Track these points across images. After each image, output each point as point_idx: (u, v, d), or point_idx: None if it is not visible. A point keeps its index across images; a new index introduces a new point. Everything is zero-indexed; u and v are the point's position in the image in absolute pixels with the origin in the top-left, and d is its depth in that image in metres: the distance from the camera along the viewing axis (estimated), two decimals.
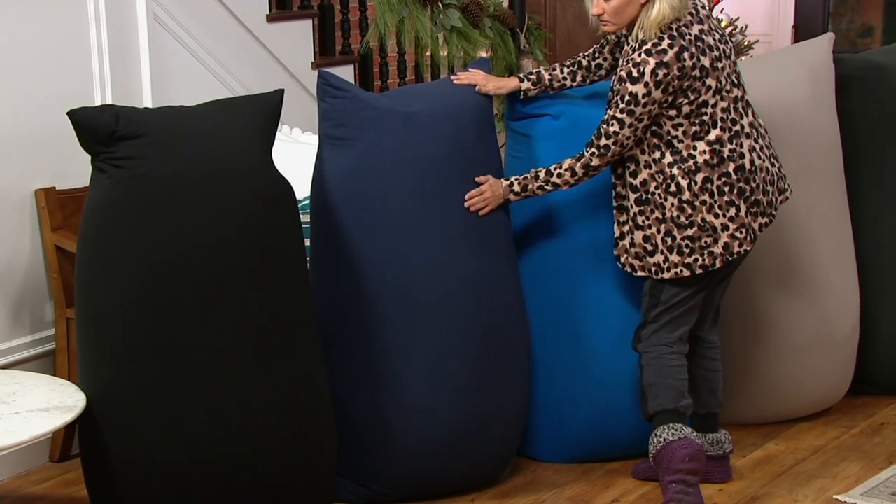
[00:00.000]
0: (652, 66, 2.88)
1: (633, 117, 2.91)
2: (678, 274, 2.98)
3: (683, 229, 2.95)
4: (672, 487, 2.92)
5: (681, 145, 2.94)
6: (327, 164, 3.03)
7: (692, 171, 2.94)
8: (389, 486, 3.05)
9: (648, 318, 3.06)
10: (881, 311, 3.70)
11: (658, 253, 2.99)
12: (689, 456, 2.91)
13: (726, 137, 2.95)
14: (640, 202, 3.00)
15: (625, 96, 2.90)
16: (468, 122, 3.10)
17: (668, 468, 2.93)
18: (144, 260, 2.67)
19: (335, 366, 3.00)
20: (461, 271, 3.02)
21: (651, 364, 3.03)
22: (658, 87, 2.88)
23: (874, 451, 3.36)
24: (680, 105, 2.93)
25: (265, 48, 4.20)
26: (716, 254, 2.97)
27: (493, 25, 4.77)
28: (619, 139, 2.94)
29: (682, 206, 2.94)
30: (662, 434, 2.96)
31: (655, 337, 3.04)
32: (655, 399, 3.01)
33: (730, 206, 2.95)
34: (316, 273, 3.05)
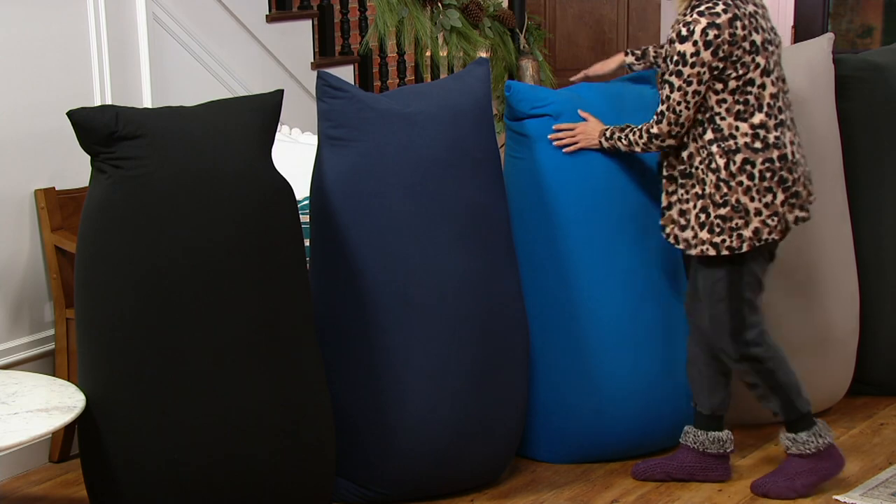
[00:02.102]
0: (703, 25, 2.87)
1: (681, 79, 2.90)
2: (703, 252, 2.97)
3: (717, 207, 2.94)
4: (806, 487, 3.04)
5: (723, 123, 2.93)
6: (326, 164, 3.03)
7: (731, 150, 2.93)
8: (389, 487, 3.05)
9: (744, 318, 2.99)
10: (881, 312, 3.70)
11: (689, 228, 2.99)
12: (841, 470, 3.06)
13: (772, 124, 2.94)
14: (684, 175, 3.01)
15: (674, 56, 2.90)
16: (467, 123, 3.10)
17: (825, 475, 3.04)
18: (144, 260, 2.67)
19: (335, 367, 3.00)
20: (460, 272, 3.02)
21: (782, 365, 3.02)
22: (707, 48, 2.86)
23: (874, 452, 3.36)
24: (727, 78, 2.91)
25: (265, 48, 4.20)
26: (744, 237, 2.94)
27: (493, 26, 4.78)
28: (670, 104, 2.94)
29: (719, 183, 2.94)
30: (827, 435, 3.04)
31: (761, 335, 3.01)
32: (803, 398, 3.03)
33: (767, 192, 2.94)
34: (315, 273, 3.05)
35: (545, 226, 3.27)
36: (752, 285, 3.00)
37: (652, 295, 3.29)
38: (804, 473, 3.04)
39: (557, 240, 3.26)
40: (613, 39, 6.68)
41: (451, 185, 3.04)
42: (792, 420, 3.05)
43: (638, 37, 6.63)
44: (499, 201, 3.14)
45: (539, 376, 3.27)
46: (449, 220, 3.03)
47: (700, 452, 3.16)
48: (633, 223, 3.27)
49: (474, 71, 3.25)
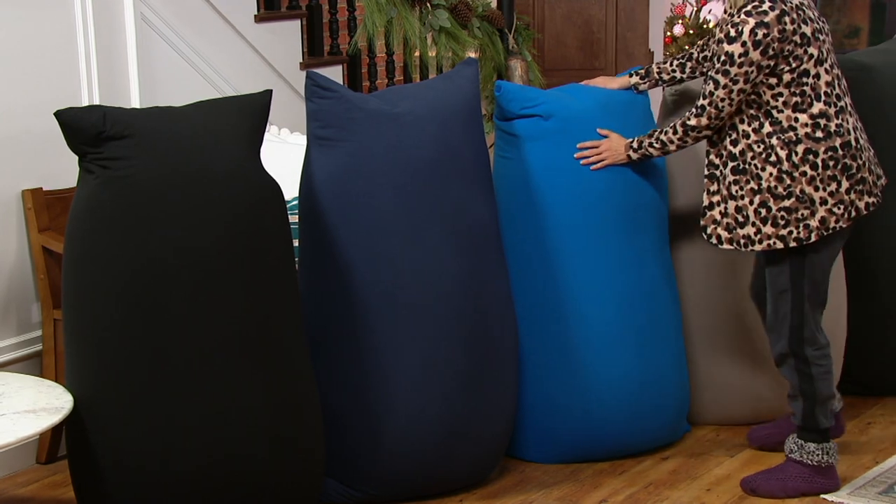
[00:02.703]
0: (751, 25, 2.89)
1: (727, 77, 2.92)
2: (771, 245, 2.97)
3: (780, 200, 2.95)
4: (799, 492, 3.05)
5: (780, 115, 2.95)
6: (315, 164, 3.02)
7: (792, 141, 2.94)
8: (378, 488, 3.05)
9: (804, 314, 2.99)
10: (869, 312, 3.71)
11: (749, 224, 2.98)
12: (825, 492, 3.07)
13: (832, 112, 2.96)
14: (735, 171, 3.00)
15: (721, 56, 2.93)
16: (456, 123, 3.10)
17: (817, 488, 3.05)
18: (132, 261, 2.66)
19: (324, 367, 2.99)
20: (449, 272, 3.02)
21: (824, 378, 3.02)
22: (756, 48, 2.89)
23: (861, 451, 3.37)
24: (781, 72, 2.93)
25: (253, 48, 4.20)
26: (812, 227, 2.95)
27: (482, 26, 4.78)
28: (713, 100, 2.96)
29: (782, 176, 2.95)
30: (832, 457, 3.06)
31: (820, 342, 3.01)
32: (825, 414, 3.04)
33: (832, 180, 2.95)
34: (304, 274, 3.05)
35: (534, 226, 3.27)
36: (816, 279, 3.00)
37: (641, 295, 3.29)
38: (799, 479, 3.06)
39: (546, 240, 3.26)
40: (602, 39, 6.69)
41: (440, 186, 3.04)
42: (807, 428, 3.06)
43: (626, 37, 6.64)
44: (487, 201, 3.14)
45: (528, 376, 3.27)
46: (438, 221, 3.02)
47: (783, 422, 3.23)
48: (622, 223, 3.28)
49: (463, 71, 3.25)
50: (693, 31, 6.30)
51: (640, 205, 3.30)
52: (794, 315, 3.00)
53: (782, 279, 3.01)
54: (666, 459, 3.35)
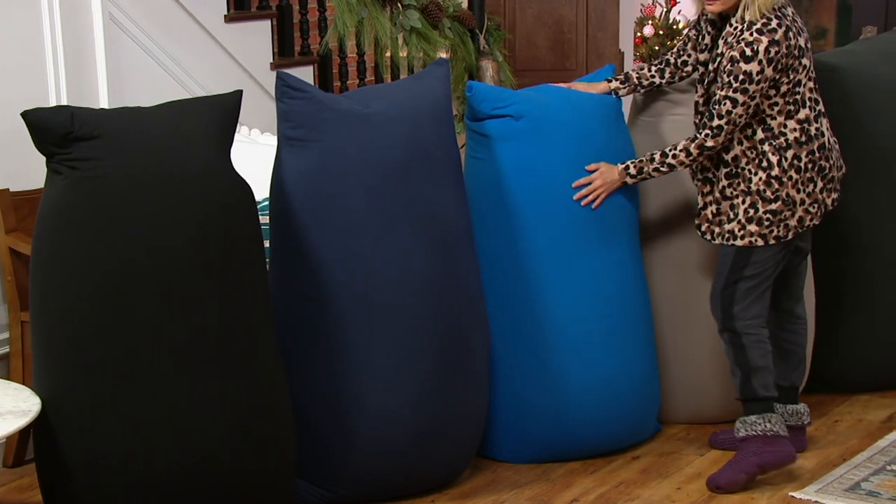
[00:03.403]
0: (765, 44, 2.97)
1: (746, 95, 3.00)
2: (752, 243, 3.09)
3: (768, 203, 3.07)
4: (755, 468, 3.09)
5: (773, 122, 3.05)
6: (286, 165, 3.02)
7: (783, 147, 3.05)
8: (349, 488, 3.05)
9: (735, 293, 3.12)
10: (836, 311, 3.74)
11: (735, 221, 3.10)
12: (788, 464, 3.11)
13: (812, 116, 3.09)
14: (729, 176, 3.11)
15: (739, 76, 2.99)
16: (427, 123, 3.10)
17: (767, 457, 3.09)
18: (100, 262, 2.64)
19: (295, 368, 2.98)
20: (421, 273, 3.02)
21: (755, 346, 3.13)
22: (770, 65, 2.98)
23: (829, 448, 3.40)
24: (780, 84, 3.04)
25: (223, 49, 4.18)
26: (790, 226, 3.09)
27: (453, 26, 4.78)
28: (732, 118, 3.03)
29: (770, 181, 3.06)
30: (776, 425, 3.11)
31: (751, 315, 3.13)
32: (763, 383, 3.12)
33: (810, 182, 3.09)
34: (275, 275, 3.04)
35: (505, 226, 3.27)
36: (758, 272, 3.11)
37: (612, 296, 3.30)
38: (750, 454, 3.11)
39: (518, 240, 3.27)
40: (573, 40, 6.71)
41: (412, 186, 3.04)
42: (746, 399, 3.15)
43: (597, 37, 6.66)
44: (459, 202, 3.15)
45: (500, 376, 3.27)
46: (409, 221, 3.02)
47: None
48: (594, 224, 3.29)
49: (434, 71, 3.25)
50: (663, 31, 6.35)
51: (612, 206, 3.31)
52: (726, 293, 3.13)
53: (727, 260, 3.14)
54: (637, 459, 3.37)
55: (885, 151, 3.73)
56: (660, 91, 3.48)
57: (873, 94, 3.73)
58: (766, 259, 3.12)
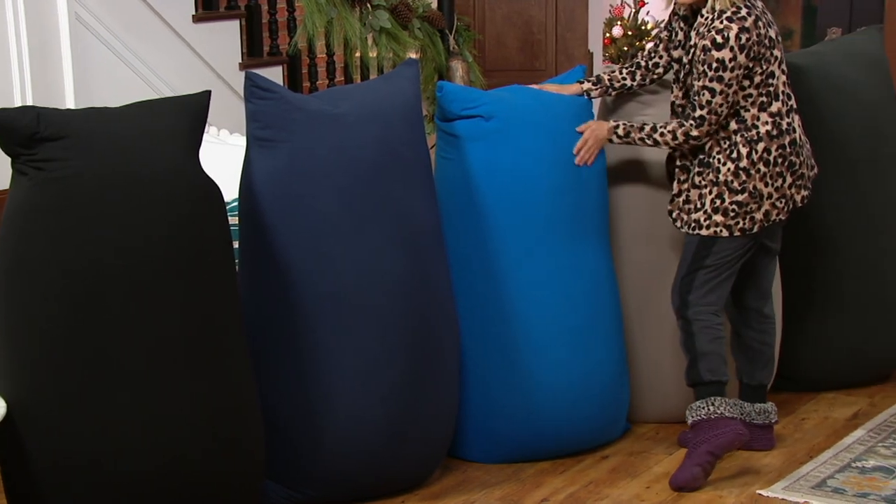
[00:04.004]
0: (735, 30, 3.02)
1: (722, 83, 3.03)
2: (717, 233, 3.13)
3: (735, 194, 3.10)
4: (706, 456, 3.11)
5: (747, 114, 3.09)
6: (255, 165, 3.00)
7: (754, 140, 3.09)
8: (319, 489, 3.04)
9: (693, 281, 3.17)
10: (803, 310, 3.77)
11: (702, 211, 3.14)
12: (738, 443, 3.13)
13: (784, 111, 3.13)
14: (701, 164, 3.16)
15: (712, 63, 3.03)
16: (397, 124, 3.10)
17: (715, 441, 3.10)
18: (67, 264, 2.62)
19: (264, 369, 2.97)
20: (391, 273, 3.02)
21: (704, 332, 3.17)
22: (742, 52, 3.02)
23: (796, 446, 3.43)
24: (753, 74, 3.07)
25: (191, 49, 4.16)
26: (756, 219, 3.13)
27: (423, 27, 4.78)
28: (713, 108, 3.06)
29: (738, 172, 3.10)
30: (720, 407, 3.13)
31: (704, 302, 3.18)
32: (709, 367, 3.16)
33: (778, 176, 3.13)
34: (244, 275, 3.03)
35: (475, 227, 3.28)
36: (718, 263, 3.16)
37: (582, 296, 3.32)
38: (697, 447, 3.14)
39: (487, 241, 3.27)
40: (542, 40, 6.73)
41: (382, 186, 3.03)
42: (692, 384, 3.20)
43: (566, 37, 6.69)
44: (429, 202, 3.15)
45: (470, 377, 3.28)
46: (379, 221, 3.02)
47: (746, 423, 3.32)
48: (564, 224, 3.30)
49: (404, 72, 3.25)
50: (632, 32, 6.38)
51: (582, 206, 3.32)
52: (685, 281, 3.19)
53: (690, 248, 3.19)
54: (606, 458, 3.39)
55: (850, 152, 3.76)
56: (630, 92, 3.50)
57: (839, 95, 3.76)
58: (729, 250, 3.15)
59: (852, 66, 3.84)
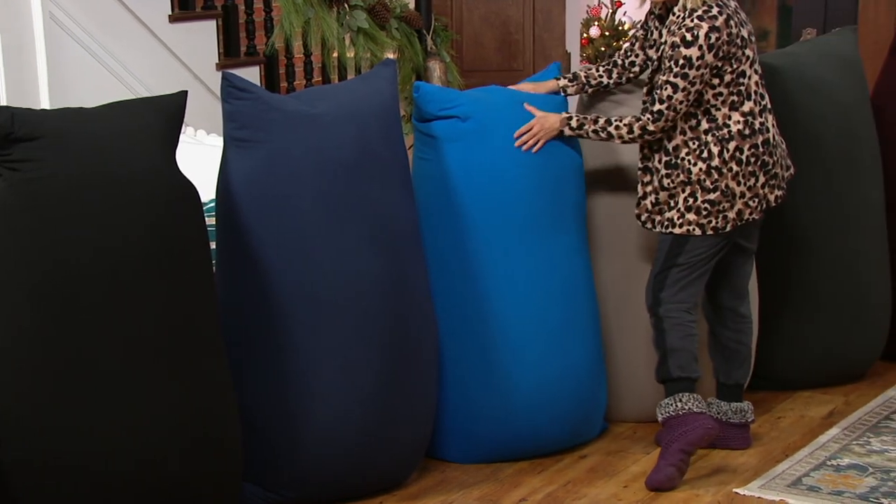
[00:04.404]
0: (705, 29, 3.03)
1: (686, 80, 3.04)
2: (690, 231, 3.15)
3: (707, 192, 3.12)
4: (678, 455, 3.12)
5: (718, 113, 3.10)
6: (232, 166, 3.00)
7: (725, 139, 3.10)
8: (296, 490, 3.03)
9: (666, 279, 3.19)
10: (779, 309, 3.80)
11: (675, 210, 3.15)
12: (709, 437, 3.13)
13: (757, 110, 3.14)
14: (668, 166, 3.16)
15: (679, 60, 3.04)
16: (374, 124, 3.10)
17: (685, 438, 3.11)
18: (42, 265, 2.60)
19: (242, 370, 2.97)
20: (368, 274, 3.01)
21: (675, 329, 3.19)
22: (711, 51, 3.03)
23: (772, 445, 3.46)
24: (723, 73, 3.08)
25: (168, 49, 4.14)
26: (729, 218, 3.14)
27: (400, 27, 4.78)
28: (672, 104, 3.07)
29: (710, 171, 3.11)
30: (688, 403, 3.15)
31: (676, 300, 3.19)
32: (679, 364, 3.18)
33: (751, 175, 3.14)
34: (222, 276, 3.02)
35: (453, 227, 3.28)
36: (691, 261, 3.17)
37: (560, 295, 3.32)
38: (669, 445, 3.15)
39: (465, 241, 3.27)
40: (520, 41, 6.74)
41: (359, 187, 3.03)
42: (662, 381, 3.22)
43: (543, 38, 6.70)
44: (407, 202, 3.15)
45: (448, 377, 3.28)
46: (357, 222, 3.02)
47: (722, 422, 3.34)
48: (541, 224, 3.31)
49: (381, 72, 3.25)
50: (609, 32, 6.40)
51: (559, 205, 3.33)
52: (658, 279, 3.21)
53: (663, 247, 3.21)
54: (584, 457, 3.40)
55: (825, 153, 3.79)
56: (605, 91, 3.51)
57: (814, 95, 3.79)
58: (702, 249, 3.17)
59: (827, 66, 3.87)
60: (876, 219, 3.92)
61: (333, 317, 2.98)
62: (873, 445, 3.40)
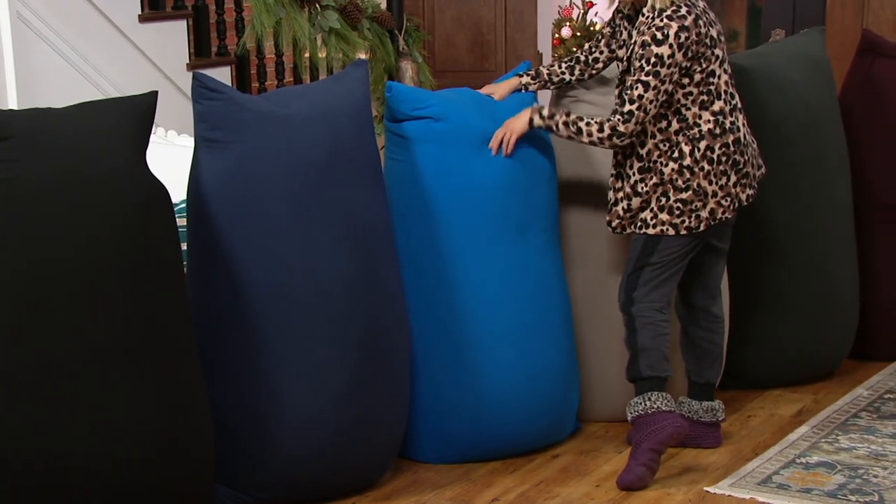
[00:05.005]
0: (675, 28, 3.04)
1: (657, 79, 3.05)
2: (663, 231, 3.16)
3: (679, 192, 3.13)
4: (648, 454, 3.13)
5: (688, 113, 3.12)
6: (203, 167, 2.98)
7: (696, 138, 3.12)
8: (269, 491, 3.03)
9: (639, 278, 3.20)
10: (748, 309, 3.82)
11: (648, 210, 3.16)
12: (678, 435, 3.14)
13: (727, 110, 3.15)
14: (642, 171, 3.17)
15: (650, 58, 3.05)
16: (346, 125, 3.10)
17: (654, 437, 3.13)
18: (12, 264, 2.58)
19: (214, 371, 2.95)
20: (341, 274, 3.01)
21: (646, 328, 3.20)
22: (681, 50, 3.04)
23: (742, 443, 3.48)
24: (693, 73, 3.10)
25: (138, 49, 4.12)
26: (702, 217, 3.16)
27: (372, 27, 4.78)
28: (643, 103, 3.07)
29: (682, 170, 3.12)
30: (657, 402, 3.16)
31: (648, 299, 3.20)
32: (649, 363, 3.19)
33: (723, 175, 3.15)
34: (193, 277, 3.01)
35: (425, 227, 3.28)
36: (664, 260, 3.19)
37: (532, 295, 3.33)
38: (638, 445, 3.16)
39: (437, 241, 3.28)
40: (491, 41, 6.76)
41: (331, 187, 3.03)
42: (632, 380, 3.24)
43: (515, 38, 6.72)
44: (379, 203, 3.15)
45: (420, 377, 3.28)
46: (329, 222, 3.01)
47: (694, 421, 3.36)
48: (513, 224, 3.31)
49: (353, 72, 3.25)
50: (580, 33, 6.42)
51: (531, 207, 3.34)
52: (631, 278, 3.23)
53: (636, 246, 3.22)
54: (556, 457, 3.41)
55: (794, 153, 3.82)
56: (571, 89, 3.53)
57: (783, 96, 3.82)
58: (674, 248, 3.19)
59: (796, 67, 3.90)
60: (844, 219, 3.95)
61: (305, 317, 2.97)
62: (841, 443, 3.43)
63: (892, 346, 4.12)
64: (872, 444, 3.42)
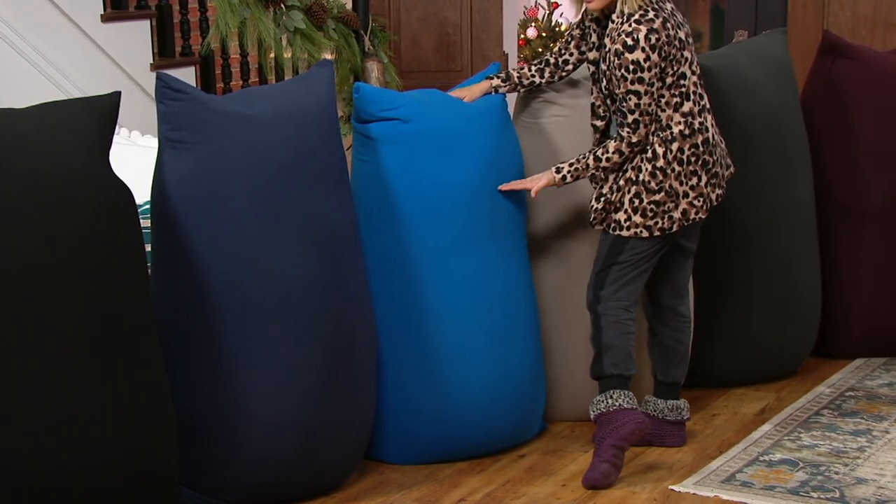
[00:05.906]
0: (644, 32, 3.06)
1: (644, 84, 3.08)
2: (637, 234, 3.18)
3: (652, 194, 3.15)
4: (611, 451, 3.15)
5: (662, 115, 3.14)
6: (167, 167, 2.97)
7: (668, 140, 3.14)
8: (235, 495, 3.01)
9: (607, 277, 3.22)
10: (714, 307, 3.85)
11: (622, 211, 3.18)
12: (640, 431, 3.16)
13: (696, 110, 3.18)
14: (615, 169, 3.19)
15: (629, 66, 3.07)
16: (312, 125, 3.09)
17: (616, 434, 3.15)
18: None
19: (178, 373, 2.94)
20: (307, 275, 3.00)
21: (612, 327, 3.21)
22: (654, 51, 3.07)
23: (706, 442, 3.51)
24: (665, 75, 3.11)
25: (100, 49, 4.09)
26: (674, 218, 3.18)
27: (338, 27, 4.77)
28: (642, 109, 3.10)
29: (655, 172, 3.14)
30: (619, 399, 3.18)
31: (615, 298, 3.22)
32: (613, 361, 3.21)
33: (693, 175, 3.18)
34: (157, 279, 2.99)
35: (391, 229, 3.28)
36: (632, 259, 3.21)
37: (498, 297, 3.34)
38: (601, 442, 3.18)
39: (403, 243, 3.28)
40: (457, 41, 6.76)
41: (297, 188, 3.02)
42: (596, 378, 3.26)
43: (481, 38, 6.73)
44: (344, 203, 3.14)
45: (386, 378, 3.28)
46: (295, 224, 3.01)
47: (659, 420, 3.38)
48: (480, 227, 3.32)
49: (319, 73, 3.24)
50: (546, 33, 6.45)
51: (499, 209, 3.35)
52: (599, 276, 3.25)
53: (605, 245, 3.25)
54: (523, 457, 3.42)
55: (758, 153, 3.86)
56: (540, 91, 3.54)
57: (746, 96, 3.85)
58: (643, 247, 3.21)
59: (759, 68, 3.93)
60: (806, 218, 4.00)
61: (270, 318, 2.96)
62: (804, 440, 3.47)
63: (853, 345, 4.17)
64: (834, 441, 3.46)
